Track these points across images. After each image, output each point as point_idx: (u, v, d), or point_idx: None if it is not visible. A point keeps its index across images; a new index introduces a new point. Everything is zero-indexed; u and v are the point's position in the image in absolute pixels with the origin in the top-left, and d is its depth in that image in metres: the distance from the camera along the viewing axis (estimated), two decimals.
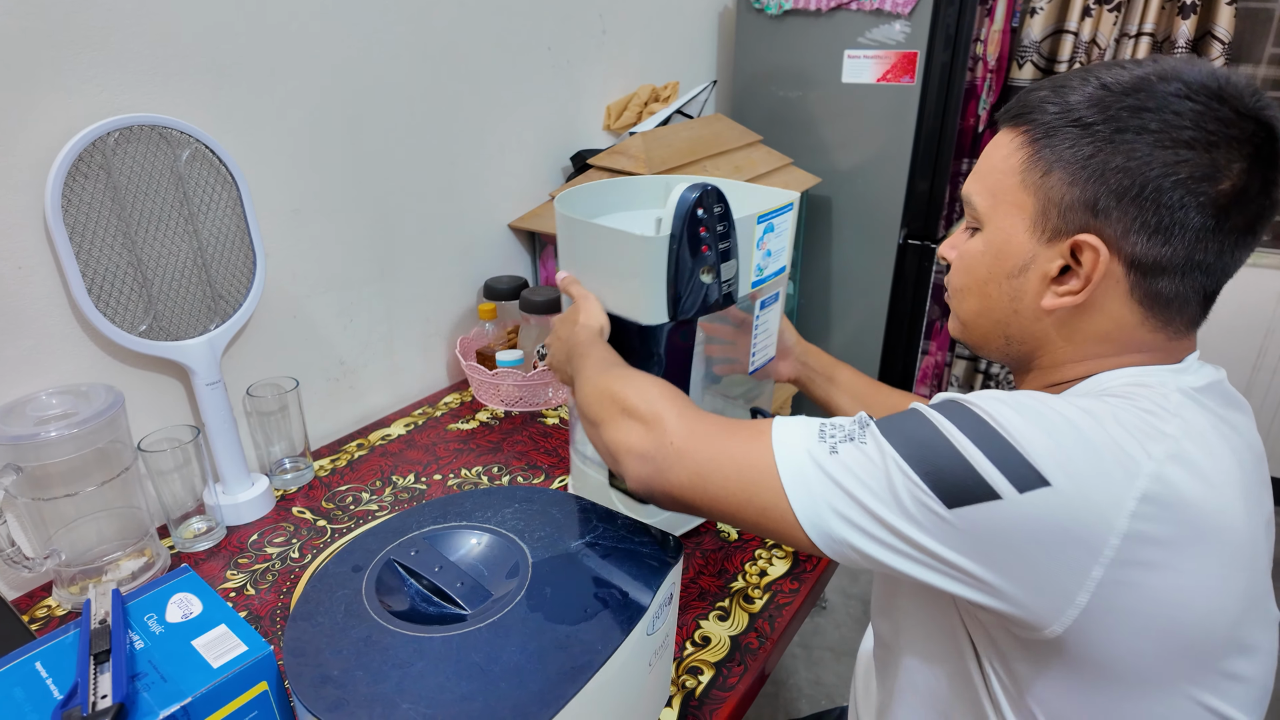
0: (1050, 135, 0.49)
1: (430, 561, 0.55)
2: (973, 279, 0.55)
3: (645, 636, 0.53)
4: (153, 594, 0.53)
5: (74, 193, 0.76)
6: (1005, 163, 0.52)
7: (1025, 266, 0.51)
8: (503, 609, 0.51)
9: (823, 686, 1.62)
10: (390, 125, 1.08)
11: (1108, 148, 0.46)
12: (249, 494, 0.91)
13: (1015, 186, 0.51)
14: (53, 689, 0.46)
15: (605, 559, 0.56)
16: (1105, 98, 0.47)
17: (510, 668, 0.46)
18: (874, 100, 1.57)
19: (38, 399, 0.75)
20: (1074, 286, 0.49)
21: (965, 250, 0.56)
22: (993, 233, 0.53)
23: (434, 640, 0.48)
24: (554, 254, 1.34)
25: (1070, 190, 0.48)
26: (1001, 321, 0.54)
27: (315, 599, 0.52)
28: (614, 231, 0.73)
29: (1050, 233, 0.50)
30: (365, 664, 0.46)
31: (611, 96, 1.48)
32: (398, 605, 0.52)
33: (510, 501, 0.62)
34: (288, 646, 0.48)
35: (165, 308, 0.84)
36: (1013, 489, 0.41)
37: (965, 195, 0.56)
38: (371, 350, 1.15)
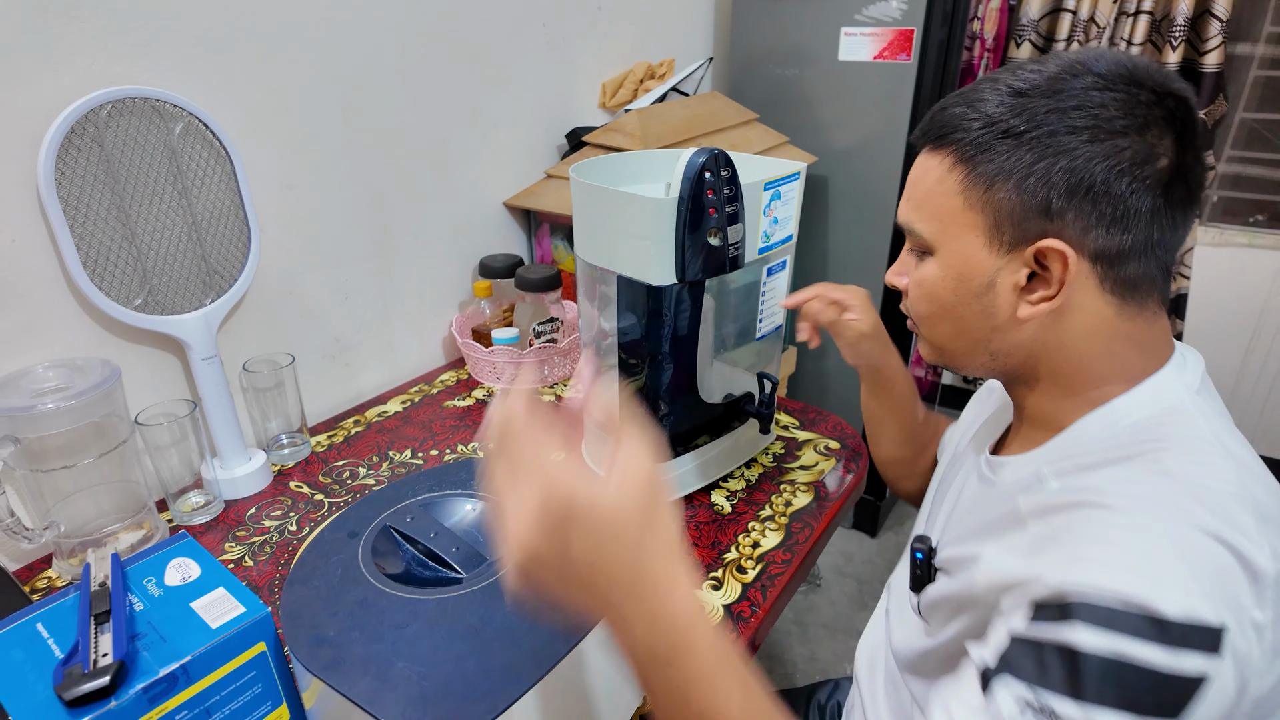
0: (983, 150, 0.49)
1: (425, 527, 0.56)
2: (938, 305, 0.55)
3: None
4: (152, 559, 0.54)
5: (67, 166, 0.76)
6: (941, 185, 0.51)
7: (991, 283, 0.51)
8: (496, 573, 0.51)
9: (817, 662, 1.64)
10: (384, 101, 1.08)
11: (1046, 152, 0.46)
12: (246, 468, 0.92)
13: (960, 207, 0.50)
14: (54, 648, 0.47)
15: None
16: (1026, 104, 0.47)
17: (503, 629, 0.47)
18: (870, 78, 1.56)
19: (34, 372, 0.76)
20: (1048, 292, 0.49)
21: (922, 277, 0.55)
22: (948, 256, 0.52)
23: (429, 602, 0.49)
24: (549, 232, 1.34)
25: (1019, 200, 0.48)
26: (981, 340, 0.54)
27: (312, 563, 0.53)
28: (626, 195, 0.76)
29: (1008, 245, 0.49)
30: (361, 625, 0.47)
31: (607, 74, 1.47)
32: (393, 569, 0.53)
33: None
34: (285, 608, 0.49)
35: (160, 282, 0.84)
36: (1211, 658, 0.38)
37: (905, 224, 0.55)
38: (367, 327, 1.15)
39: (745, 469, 0.98)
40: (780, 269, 0.92)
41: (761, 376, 0.93)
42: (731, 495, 0.93)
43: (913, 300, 0.57)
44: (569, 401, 0.46)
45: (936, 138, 0.52)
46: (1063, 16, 1.97)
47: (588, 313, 0.94)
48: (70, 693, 0.42)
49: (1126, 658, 0.38)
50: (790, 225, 0.88)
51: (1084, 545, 0.42)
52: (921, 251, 0.55)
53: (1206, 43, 1.84)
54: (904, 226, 0.56)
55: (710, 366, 0.93)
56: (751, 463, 0.99)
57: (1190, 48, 1.87)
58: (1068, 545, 0.43)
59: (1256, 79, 1.93)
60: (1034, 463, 0.54)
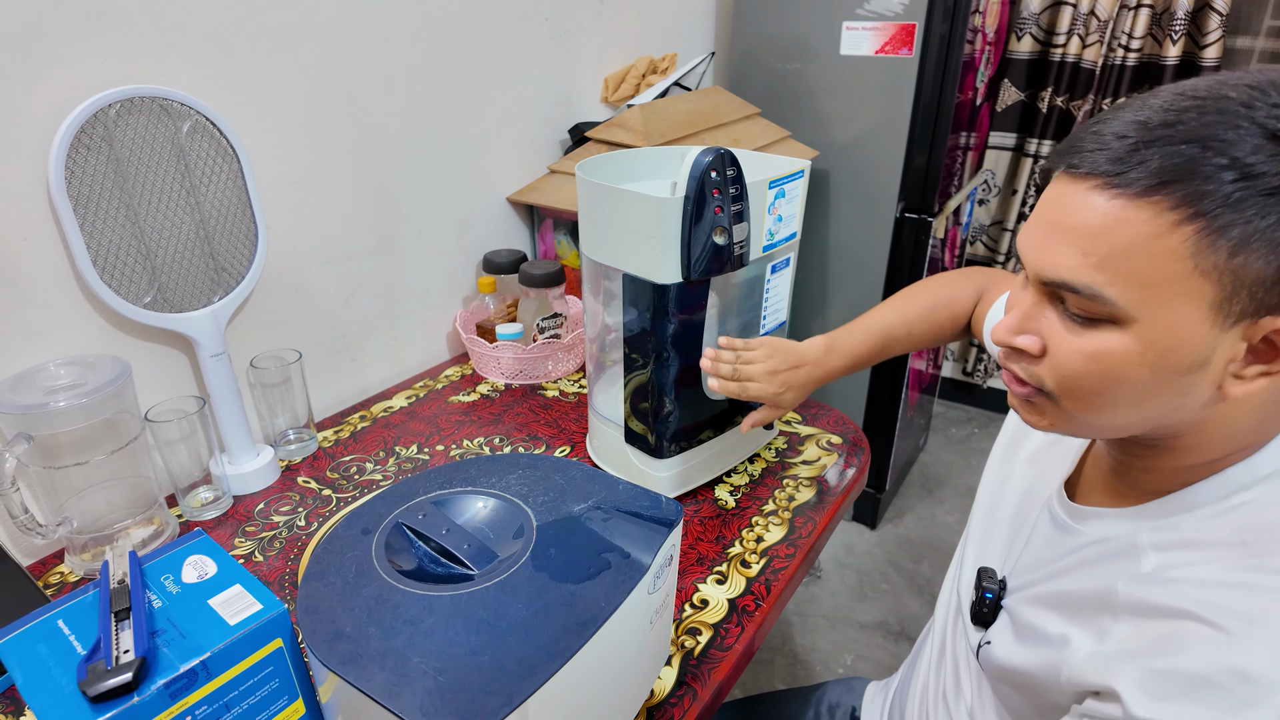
0: (1236, 208, 0.38)
1: (437, 524, 0.56)
2: (1122, 384, 0.43)
3: (646, 595, 0.54)
4: (168, 556, 0.55)
5: (77, 165, 0.76)
6: (1157, 243, 0.39)
7: (1204, 359, 0.41)
8: (509, 569, 0.52)
9: (818, 653, 1.65)
10: (388, 98, 1.08)
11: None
12: (254, 464, 0.92)
13: (1186, 273, 0.39)
14: (76, 645, 0.48)
15: (607, 521, 0.57)
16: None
17: (517, 624, 0.48)
18: (872, 73, 1.56)
19: (46, 369, 0.77)
20: (1273, 367, 0.41)
21: (1099, 351, 0.43)
22: (1153, 329, 0.41)
23: (443, 598, 0.49)
24: (552, 227, 1.35)
25: (1269, 266, 0.38)
26: (1155, 417, 0.45)
27: (326, 560, 0.53)
28: (632, 194, 0.77)
29: (1237, 315, 0.40)
30: (377, 620, 0.48)
31: (609, 68, 1.48)
32: (406, 566, 0.53)
33: (514, 468, 0.63)
34: (301, 605, 0.49)
35: (169, 280, 0.85)
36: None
37: (1078, 285, 0.43)
38: (373, 323, 1.16)
39: (748, 464, 0.99)
40: (784, 266, 0.92)
41: None
42: (735, 490, 0.94)
43: (1068, 374, 0.45)
44: None
45: (1144, 179, 0.39)
46: (1063, 10, 1.97)
47: (592, 308, 0.95)
48: (94, 688, 0.43)
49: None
50: (794, 223, 0.89)
51: (1186, 676, 0.39)
52: (1089, 318, 0.44)
53: (1206, 36, 1.84)
54: (1073, 287, 0.43)
55: None
56: (755, 458, 1.00)
57: (1190, 41, 1.87)
58: (1168, 670, 0.40)
59: None
60: (1129, 526, 0.49)
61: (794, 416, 1.09)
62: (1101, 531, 0.51)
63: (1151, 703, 0.39)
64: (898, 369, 1.79)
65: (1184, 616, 0.41)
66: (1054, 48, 2.03)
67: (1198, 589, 0.42)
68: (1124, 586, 0.45)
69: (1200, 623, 0.40)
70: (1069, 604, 0.50)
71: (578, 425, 1.07)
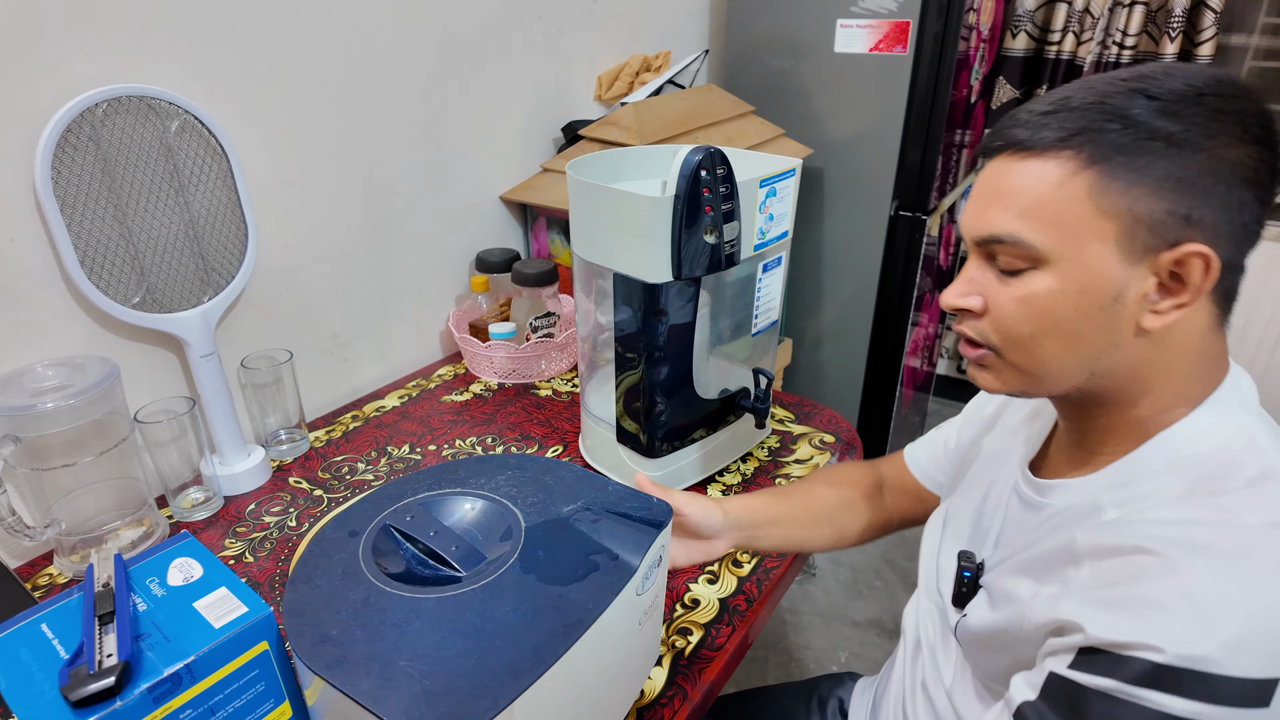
0: (1122, 152, 0.45)
1: (425, 526, 0.56)
2: (1051, 321, 0.49)
3: (635, 597, 0.54)
4: (154, 559, 0.55)
5: (64, 165, 0.76)
6: (1062, 190, 0.47)
7: (1119, 293, 0.47)
8: (496, 571, 0.52)
9: (811, 650, 1.65)
10: (379, 96, 1.08)
11: (1197, 155, 0.44)
12: (245, 464, 0.92)
13: (1089, 213, 0.46)
14: (59, 649, 0.47)
15: (596, 523, 0.57)
16: (1166, 107, 0.45)
17: (504, 626, 0.47)
18: (866, 70, 1.56)
19: (34, 370, 0.76)
20: (1182, 299, 0.46)
21: (1027, 294, 0.49)
22: (1069, 267, 0.48)
23: (429, 601, 0.49)
24: (546, 225, 1.35)
25: (1158, 204, 0.45)
26: (1091, 358, 0.50)
27: (313, 562, 0.53)
28: (622, 193, 0.77)
29: (1141, 252, 0.46)
30: (363, 623, 0.48)
31: (603, 66, 1.47)
32: (394, 568, 0.53)
33: (503, 469, 0.63)
34: (287, 607, 0.49)
35: (158, 280, 0.84)
36: (1260, 712, 0.39)
37: (1003, 235, 0.49)
38: (364, 323, 1.16)
39: (741, 463, 0.99)
40: (776, 265, 0.92)
41: (757, 372, 0.93)
42: (727, 490, 0.94)
43: (1006, 320, 0.51)
44: None
45: (1049, 141, 0.47)
46: (1058, 8, 1.97)
47: (585, 307, 0.95)
48: (76, 693, 0.43)
49: (1165, 710, 0.39)
50: (786, 222, 0.89)
51: (1138, 599, 0.42)
52: (1016, 269, 0.50)
53: (1200, 33, 1.84)
54: (998, 238, 0.50)
55: (706, 361, 0.93)
56: (747, 457, 1.00)
57: (1185, 39, 1.87)
58: (1122, 596, 0.43)
59: (1251, 69, 1.93)
60: (1090, 489, 0.52)
61: (787, 415, 1.09)
62: (1066, 500, 0.54)
63: (1109, 623, 0.42)
64: (892, 367, 1.79)
65: (1135, 552, 0.44)
66: (1049, 45, 2.03)
67: (1148, 527, 0.45)
68: (1082, 534, 0.49)
69: (1150, 555, 0.43)
70: (1038, 566, 0.52)
71: (570, 425, 1.07)
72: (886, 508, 0.80)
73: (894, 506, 0.79)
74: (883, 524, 0.79)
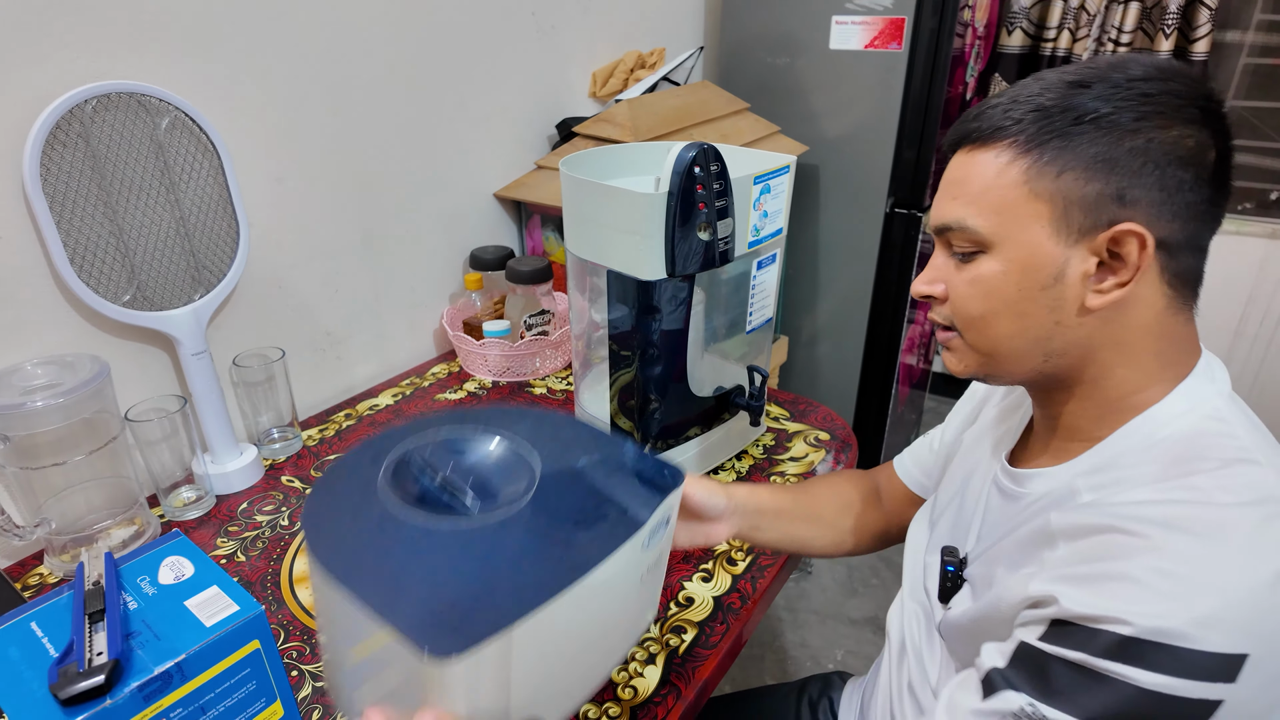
0: (1050, 138, 0.48)
1: (445, 460, 0.57)
2: (999, 302, 0.51)
3: (640, 551, 0.55)
4: (145, 557, 0.54)
5: (53, 161, 0.75)
6: (1001, 178, 0.49)
7: (1060, 273, 0.49)
8: (509, 510, 0.53)
9: (808, 648, 1.66)
10: (371, 92, 1.07)
11: (1119, 137, 0.46)
12: (237, 463, 0.92)
13: (1024, 197, 0.49)
14: (49, 647, 0.47)
15: (609, 478, 0.58)
16: (1089, 93, 0.47)
17: (511, 559, 0.49)
18: (861, 67, 1.56)
19: (23, 369, 0.76)
20: (1122, 278, 0.48)
21: (976, 276, 0.52)
22: (1011, 249, 0.50)
23: (442, 529, 0.51)
24: (540, 223, 1.34)
25: (1089, 185, 0.47)
26: (1042, 338, 0.51)
27: (334, 480, 0.54)
28: (616, 189, 0.76)
29: (1078, 233, 0.48)
30: (377, 541, 0.49)
31: (597, 63, 1.47)
32: (411, 495, 0.54)
33: (525, 418, 0.64)
34: (307, 516, 0.50)
35: (148, 277, 0.84)
36: (1225, 685, 0.39)
37: (954, 223, 0.52)
38: (357, 321, 1.15)
39: (736, 460, 0.98)
40: (770, 262, 0.92)
41: (752, 369, 0.93)
42: None
43: (960, 302, 0.54)
44: None
45: (990, 132, 0.50)
46: (1054, 4, 1.97)
47: (579, 305, 0.95)
48: (65, 691, 0.43)
49: (1132, 682, 0.40)
50: (780, 219, 0.88)
51: (1112, 575, 0.43)
52: (969, 252, 0.52)
53: (1196, 30, 1.84)
54: (950, 226, 0.53)
55: (701, 359, 0.93)
56: (742, 454, 1.00)
57: (1180, 36, 1.88)
58: (1095, 572, 0.44)
59: (1245, 66, 1.94)
60: (1066, 476, 0.53)
61: (782, 413, 1.09)
62: (1043, 488, 0.55)
63: (1081, 597, 0.43)
64: (888, 364, 1.79)
65: (1109, 530, 0.45)
66: (1044, 42, 2.03)
67: (1122, 508, 0.46)
68: (1057, 516, 0.49)
69: (1124, 533, 0.44)
70: (1015, 552, 0.53)
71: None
72: (885, 514, 0.80)
73: (891, 514, 0.79)
74: (882, 531, 0.79)
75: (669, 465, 0.60)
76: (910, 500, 0.77)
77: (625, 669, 0.68)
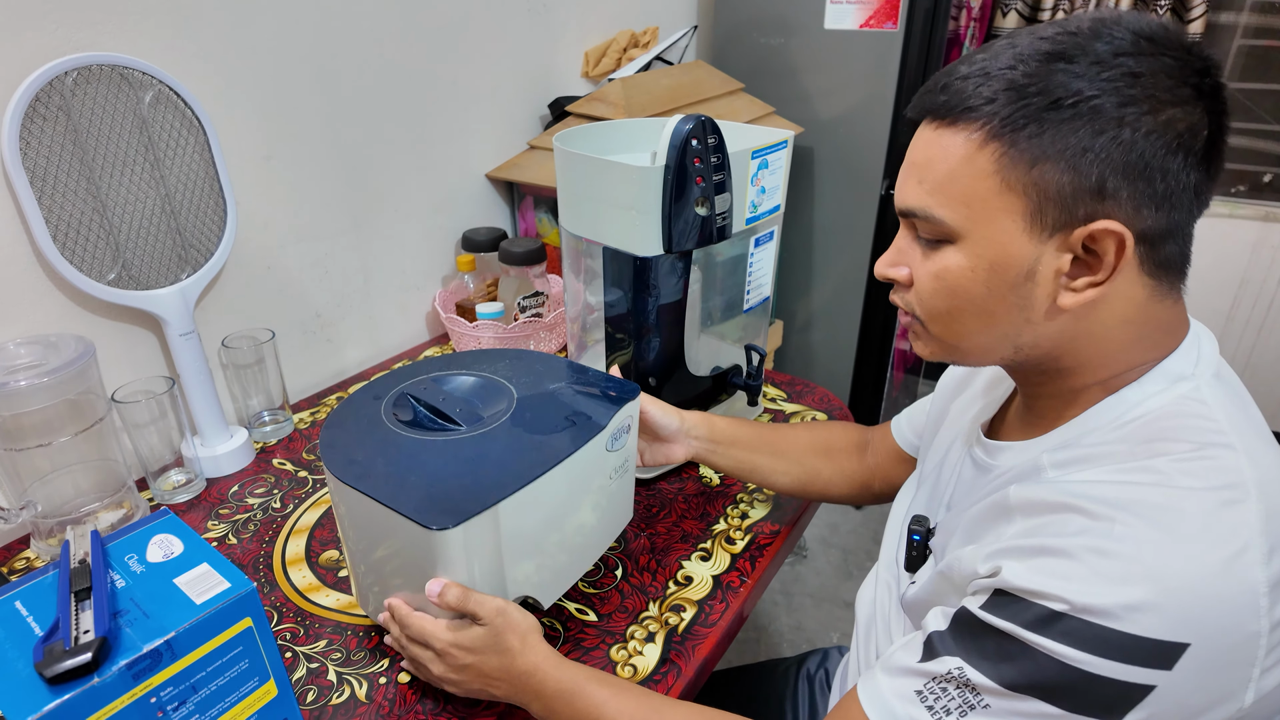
0: (1026, 124, 0.43)
1: (435, 394, 0.68)
2: (965, 299, 0.48)
3: (605, 451, 0.66)
4: (133, 535, 0.53)
5: (32, 135, 0.73)
6: (969, 165, 0.45)
7: (1031, 271, 0.46)
8: (491, 425, 0.64)
9: (803, 631, 1.66)
10: (361, 70, 1.05)
11: (1102, 125, 0.42)
12: (228, 446, 0.90)
13: (994, 189, 0.45)
14: (34, 626, 0.46)
15: (576, 395, 0.69)
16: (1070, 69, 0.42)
17: (494, 460, 0.59)
18: (856, 47, 1.55)
19: (5, 348, 0.74)
20: (1096, 277, 0.45)
21: (941, 269, 0.49)
22: (979, 244, 0.46)
23: (435, 441, 0.62)
24: (533, 204, 1.33)
25: (1068, 179, 0.43)
26: (1010, 335, 0.49)
27: (345, 414, 0.66)
28: (611, 163, 0.75)
29: (1052, 228, 0.44)
30: (382, 453, 0.60)
31: (590, 42, 1.45)
32: (408, 420, 0.66)
33: (504, 358, 0.75)
34: (323, 441, 0.62)
35: (134, 256, 0.82)
36: (1160, 672, 0.38)
37: (917, 209, 0.48)
38: (348, 303, 1.14)
39: None
40: (768, 240, 0.91)
41: (749, 349, 0.92)
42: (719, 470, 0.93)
43: (924, 295, 0.50)
44: None
45: (959, 111, 0.45)
46: None
47: (574, 288, 0.93)
48: (52, 669, 0.42)
49: (1055, 656, 0.40)
50: (778, 195, 0.87)
51: (1055, 550, 0.42)
52: (935, 240, 0.49)
53: (1190, 11, 1.84)
54: (913, 212, 0.49)
55: (698, 339, 0.92)
56: None
57: (1175, 16, 1.87)
58: (1040, 546, 0.43)
59: (1240, 48, 1.93)
60: (1034, 451, 0.52)
61: (779, 394, 1.08)
62: (1011, 461, 0.54)
63: (1022, 571, 0.43)
64: (883, 349, 1.79)
65: (1062, 509, 0.44)
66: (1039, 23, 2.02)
67: (1079, 485, 0.45)
68: (1015, 490, 0.48)
69: (1074, 511, 0.43)
70: (975, 524, 0.52)
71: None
72: (867, 466, 0.79)
73: (875, 467, 0.79)
74: (861, 483, 0.79)
75: (627, 383, 0.71)
76: (898, 458, 0.76)
77: (625, 648, 0.67)
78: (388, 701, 0.62)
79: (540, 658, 0.58)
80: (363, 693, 0.63)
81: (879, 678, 0.49)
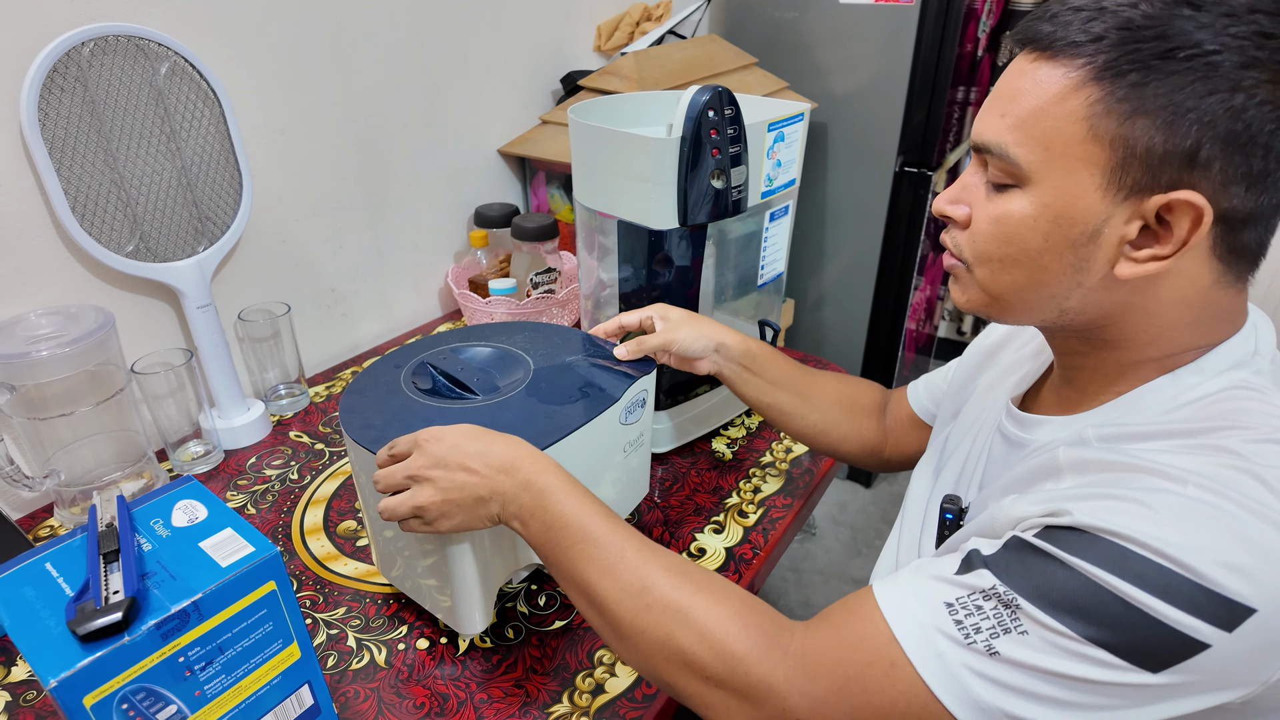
0: (1131, 70, 0.39)
1: (454, 364, 0.69)
2: (1019, 249, 0.45)
3: (619, 424, 0.67)
4: (157, 500, 0.54)
5: (50, 106, 0.73)
6: (1061, 105, 0.42)
7: (1097, 231, 0.42)
8: (507, 394, 0.65)
9: (812, 608, 1.67)
10: (374, 44, 1.05)
11: (1216, 85, 0.37)
12: (245, 418, 0.91)
13: (1080, 136, 0.41)
14: (64, 586, 0.47)
15: (591, 369, 0.70)
16: (1197, 18, 0.38)
17: (509, 427, 0.59)
18: (871, 22, 1.53)
19: (27, 319, 0.75)
20: (1161, 251, 0.41)
21: (1002, 213, 0.46)
22: (1049, 193, 0.43)
23: (452, 409, 0.63)
24: (545, 180, 1.32)
25: (1160, 138, 0.39)
26: (1059, 294, 0.46)
27: (364, 382, 0.67)
28: (627, 135, 0.75)
29: (1129, 189, 0.41)
30: (400, 419, 0.62)
31: (602, 16, 1.43)
32: (427, 389, 0.67)
33: (522, 330, 0.77)
34: (343, 406, 0.64)
35: (151, 228, 0.82)
36: (1220, 632, 0.36)
37: (993, 144, 0.45)
38: (362, 278, 1.14)
39: (746, 417, 0.98)
40: (783, 214, 0.90)
41: (763, 324, 0.92)
42: (732, 443, 0.93)
43: (979, 238, 0.47)
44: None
45: (1062, 44, 0.41)
46: None
47: (587, 264, 0.93)
48: (84, 627, 0.42)
49: (1133, 601, 0.37)
50: (793, 169, 0.87)
51: (1132, 498, 0.39)
52: (1003, 183, 0.45)
53: None
54: (988, 147, 0.45)
55: (711, 315, 0.92)
56: (751, 411, 0.99)
57: None
58: (1115, 493, 0.40)
59: None
60: (1077, 425, 0.48)
61: None
62: (1049, 435, 0.51)
63: (1094, 509, 0.39)
64: (894, 329, 1.78)
65: (1133, 469, 0.41)
66: None
67: (1144, 452, 0.42)
68: (1066, 451, 0.46)
69: (1147, 473, 0.40)
70: (1017, 484, 0.49)
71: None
72: (883, 430, 0.77)
73: (890, 432, 0.77)
74: (874, 445, 0.76)
75: (646, 359, 0.72)
76: (912, 424, 0.75)
77: None
78: (406, 667, 0.63)
79: (519, 443, 0.55)
80: (382, 658, 0.64)
81: (903, 580, 0.44)
